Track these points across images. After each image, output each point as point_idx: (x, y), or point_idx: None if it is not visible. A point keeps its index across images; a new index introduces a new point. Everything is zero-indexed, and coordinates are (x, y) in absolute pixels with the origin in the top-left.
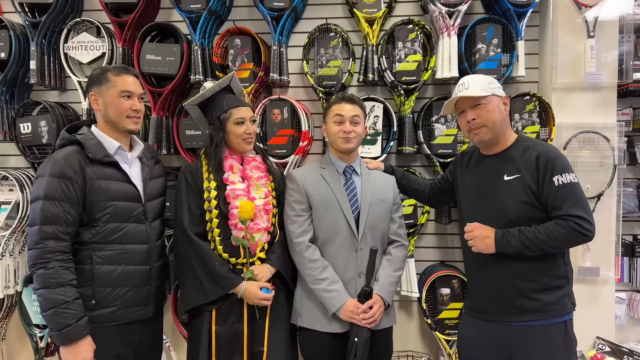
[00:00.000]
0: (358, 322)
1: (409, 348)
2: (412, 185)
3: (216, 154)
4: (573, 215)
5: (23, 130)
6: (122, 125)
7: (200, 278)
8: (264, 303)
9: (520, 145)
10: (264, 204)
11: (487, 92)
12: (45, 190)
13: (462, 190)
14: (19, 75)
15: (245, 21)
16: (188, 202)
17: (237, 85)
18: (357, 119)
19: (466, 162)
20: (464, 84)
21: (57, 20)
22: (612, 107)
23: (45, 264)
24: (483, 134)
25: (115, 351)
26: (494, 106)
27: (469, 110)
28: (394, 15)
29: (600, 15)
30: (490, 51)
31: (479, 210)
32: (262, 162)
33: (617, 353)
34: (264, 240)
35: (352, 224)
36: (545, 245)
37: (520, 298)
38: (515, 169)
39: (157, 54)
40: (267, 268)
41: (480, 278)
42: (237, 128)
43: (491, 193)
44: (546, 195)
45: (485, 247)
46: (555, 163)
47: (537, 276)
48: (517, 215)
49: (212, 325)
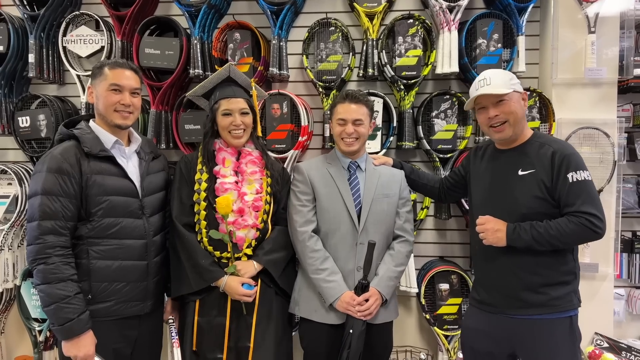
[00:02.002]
0: (353, 314)
1: (408, 343)
2: (421, 181)
3: (205, 143)
4: (585, 212)
5: (22, 124)
6: (110, 118)
7: (185, 268)
8: (244, 299)
9: (536, 141)
10: (254, 199)
11: (508, 88)
12: (43, 185)
13: (474, 183)
14: (17, 68)
15: (245, 15)
16: (180, 192)
17: (239, 75)
18: (360, 120)
19: (480, 155)
20: (485, 80)
21: (55, 14)
22: (612, 103)
23: (46, 259)
24: (506, 131)
25: (112, 346)
26: (515, 102)
27: (491, 107)
28: (394, 10)
29: (601, 10)
30: (491, 46)
31: (491, 203)
32: (260, 157)
33: (615, 349)
34: (250, 236)
35: (354, 218)
36: (556, 240)
37: (527, 291)
38: (530, 164)
39: (156, 47)
40: (252, 265)
41: (487, 271)
42: (223, 119)
43: (505, 187)
44: (559, 191)
45: (497, 240)
46: (570, 160)
47: (546, 270)
48: (529, 210)
49: (195, 315)
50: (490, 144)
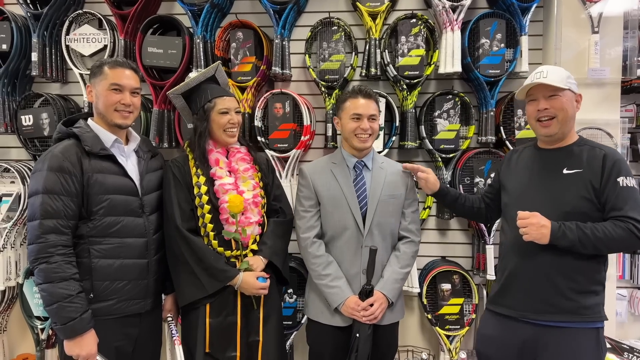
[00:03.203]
0: (359, 318)
1: (409, 343)
2: (467, 204)
3: (200, 143)
4: (632, 218)
5: (24, 122)
6: (110, 118)
7: (196, 273)
8: (261, 292)
9: (586, 145)
10: (253, 196)
11: (565, 85)
12: (44, 184)
13: (510, 179)
14: (20, 67)
15: (247, 14)
16: (177, 197)
17: (222, 76)
18: (375, 116)
19: (516, 158)
20: (542, 72)
21: (58, 12)
22: (615, 103)
23: (48, 258)
24: (553, 127)
25: (114, 344)
26: (568, 100)
27: (543, 100)
28: (397, 9)
29: (604, 10)
30: (494, 46)
31: (530, 200)
32: (247, 153)
33: (618, 350)
34: (255, 232)
35: (359, 221)
36: (601, 244)
37: (558, 296)
38: (577, 164)
39: (159, 46)
40: (260, 259)
41: (518, 271)
42: (221, 118)
43: (547, 184)
44: (608, 194)
45: (540, 237)
46: (622, 165)
47: (580, 277)
48: (573, 209)
49: (207, 317)
50: (529, 145)
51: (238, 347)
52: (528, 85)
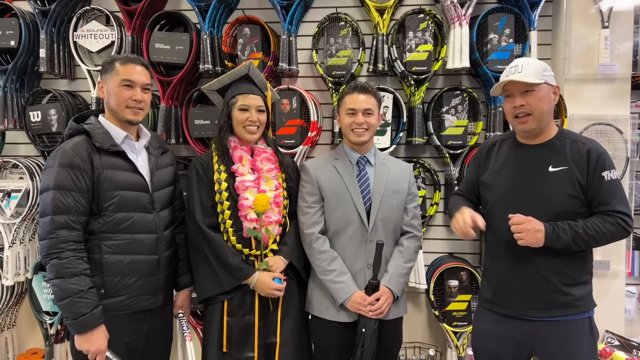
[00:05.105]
0: (365, 313)
1: (417, 339)
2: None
3: (220, 137)
4: (620, 211)
5: (33, 118)
6: (121, 114)
7: (215, 269)
8: (276, 294)
9: (567, 138)
10: (275, 196)
11: (540, 79)
12: (55, 180)
13: (491, 178)
14: (28, 63)
15: (254, 10)
16: (199, 194)
17: (256, 74)
18: (370, 110)
19: (496, 151)
20: (517, 67)
21: (66, 9)
22: (625, 99)
23: (59, 254)
24: (529, 123)
25: (124, 339)
26: (544, 95)
27: (518, 96)
28: (404, 5)
29: (615, 5)
30: (503, 41)
31: (517, 201)
32: (274, 154)
33: (627, 347)
34: (275, 232)
35: (363, 216)
36: (593, 240)
37: (553, 292)
38: (562, 160)
39: (166, 42)
40: (281, 259)
41: (511, 272)
42: (240, 114)
43: (534, 184)
44: (594, 189)
45: (536, 241)
46: (605, 159)
47: (571, 270)
48: (562, 208)
49: (224, 315)
50: (506, 138)
51: (256, 348)
52: (502, 82)
